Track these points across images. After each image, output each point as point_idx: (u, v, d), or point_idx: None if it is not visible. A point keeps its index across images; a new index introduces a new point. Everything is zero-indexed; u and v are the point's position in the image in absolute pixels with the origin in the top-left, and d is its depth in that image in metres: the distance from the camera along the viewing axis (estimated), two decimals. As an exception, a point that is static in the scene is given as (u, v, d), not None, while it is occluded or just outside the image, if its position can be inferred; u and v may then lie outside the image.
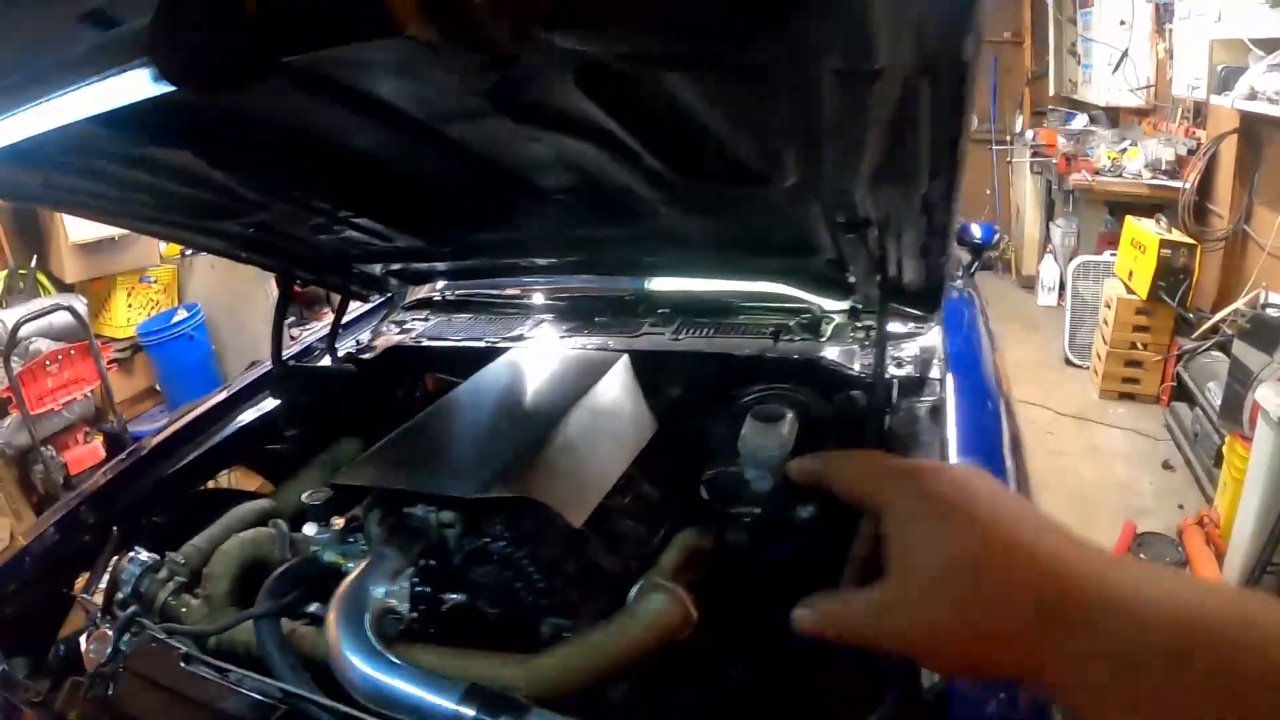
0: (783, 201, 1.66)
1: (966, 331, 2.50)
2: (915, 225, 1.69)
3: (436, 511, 1.88)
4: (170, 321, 5.76)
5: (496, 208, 2.09)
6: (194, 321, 5.76)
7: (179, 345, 5.71)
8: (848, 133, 1.29)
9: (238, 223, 2.21)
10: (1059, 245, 6.65)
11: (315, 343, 3.12)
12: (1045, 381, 5.72)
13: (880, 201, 1.61)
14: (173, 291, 6.07)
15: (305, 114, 1.59)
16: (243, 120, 1.62)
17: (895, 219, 1.69)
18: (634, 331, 2.76)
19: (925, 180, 1.43)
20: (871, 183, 1.50)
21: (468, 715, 1.42)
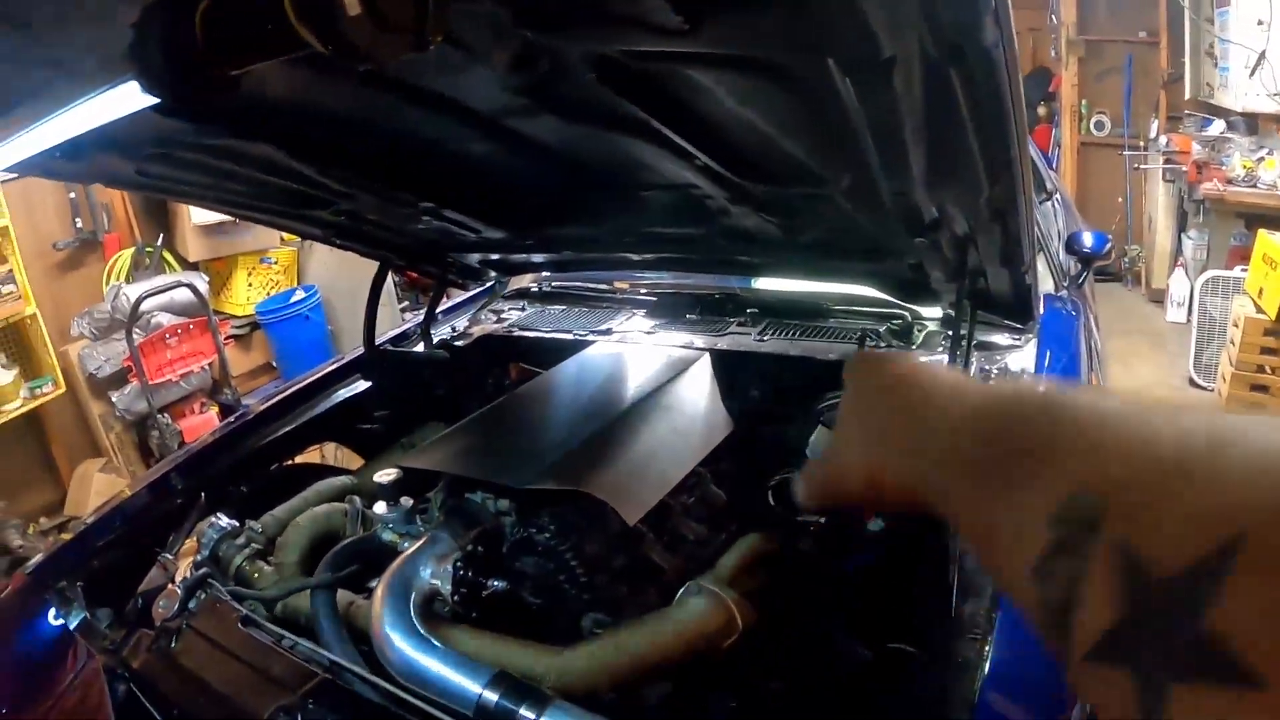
0: (845, 203, 1.63)
1: (1064, 346, 2.39)
2: (989, 232, 1.65)
3: (494, 499, 1.91)
4: (288, 301, 5.93)
5: (576, 203, 2.11)
6: (311, 302, 5.92)
7: (295, 324, 5.88)
8: (882, 130, 1.27)
9: (328, 211, 2.27)
10: (1190, 258, 6.36)
11: (413, 328, 3.18)
12: (1166, 403, 5.45)
13: (944, 205, 1.58)
14: (292, 273, 6.26)
15: (375, 109, 1.64)
16: (319, 115, 1.67)
17: (967, 224, 1.65)
18: (720, 330, 2.73)
19: (985, 184, 1.40)
20: (928, 184, 1.47)
21: (490, 700, 1.44)
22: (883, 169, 1.45)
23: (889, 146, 1.34)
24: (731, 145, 1.48)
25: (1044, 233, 3.20)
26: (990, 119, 1.22)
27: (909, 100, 1.16)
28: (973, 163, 1.36)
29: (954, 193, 1.54)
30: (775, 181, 1.62)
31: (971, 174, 1.40)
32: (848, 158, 1.43)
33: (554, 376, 2.51)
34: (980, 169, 1.38)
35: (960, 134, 1.25)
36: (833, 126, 1.30)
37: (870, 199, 1.61)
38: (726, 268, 2.50)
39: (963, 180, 1.44)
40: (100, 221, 5.62)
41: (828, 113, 1.25)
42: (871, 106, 1.20)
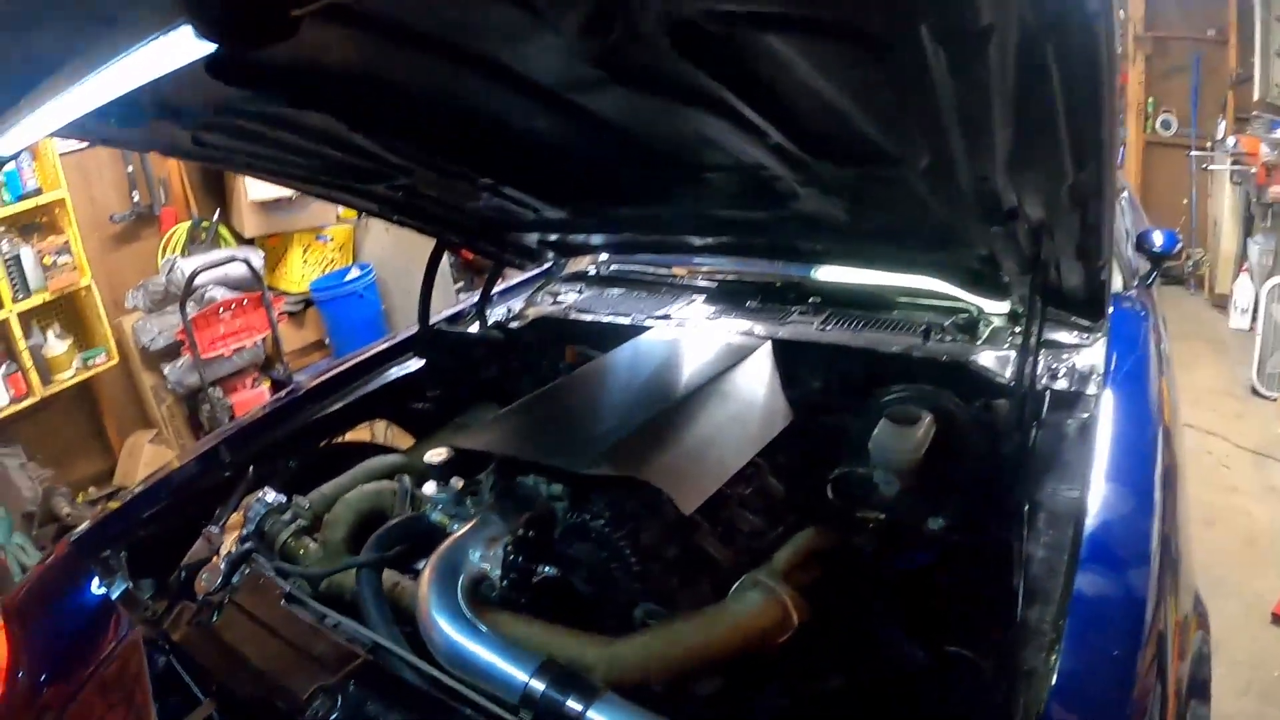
0: (921, 186, 1.58)
1: (1134, 347, 2.30)
2: (1068, 222, 1.59)
3: (547, 483, 1.89)
4: (343, 279, 5.92)
5: (639, 183, 2.07)
6: (365, 280, 5.91)
7: (349, 302, 5.87)
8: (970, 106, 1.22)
9: (386, 186, 2.26)
10: (1255, 263, 6.18)
11: (468, 308, 3.16)
12: (1226, 411, 5.31)
13: (1025, 192, 1.53)
14: (348, 251, 6.25)
15: (436, 81, 1.61)
16: (378, 86, 1.64)
17: (1045, 213, 1.59)
18: (781, 319, 2.68)
19: (1071, 169, 1.35)
20: (1011, 168, 1.42)
21: (537, 689, 1.41)
22: (965, 150, 1.39)
23: (975, 126, 1.29)
24: (807, 122, 1.44)
25: (1114, 231, 3.12)
26: (1084, 99, 1.16)
27: (1001, 75, 1.11)
28: (1059, 147, 1.30)
29: (1037, 179, 1.48)
30: (849, 162, 1.57)
31: (1057, 159, 1.35)
32: (929, 137, 1.38)
33: (610, 360, 2.48)
34: (1066, 153, 1.32)
35: (1051, 115, 1.20)
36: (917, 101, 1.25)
37: (948, 183, 1.56)
38: (790, 255, 2.45)
39: (1047, 165, 1.39)
40: (157, 195, 5.66)
41: (914, 86, 1.20)
42: (962, 80, 1.15)
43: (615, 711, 1.37)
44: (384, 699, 1.52)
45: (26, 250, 4.81)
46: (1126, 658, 1.36)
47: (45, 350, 5.01)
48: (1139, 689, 1.33)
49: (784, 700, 1.71)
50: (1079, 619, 1.38)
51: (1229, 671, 3.27)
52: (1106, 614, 1.44)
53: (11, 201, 4.76)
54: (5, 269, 4.74)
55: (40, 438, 5.23)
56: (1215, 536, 4.11)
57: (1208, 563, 3.84)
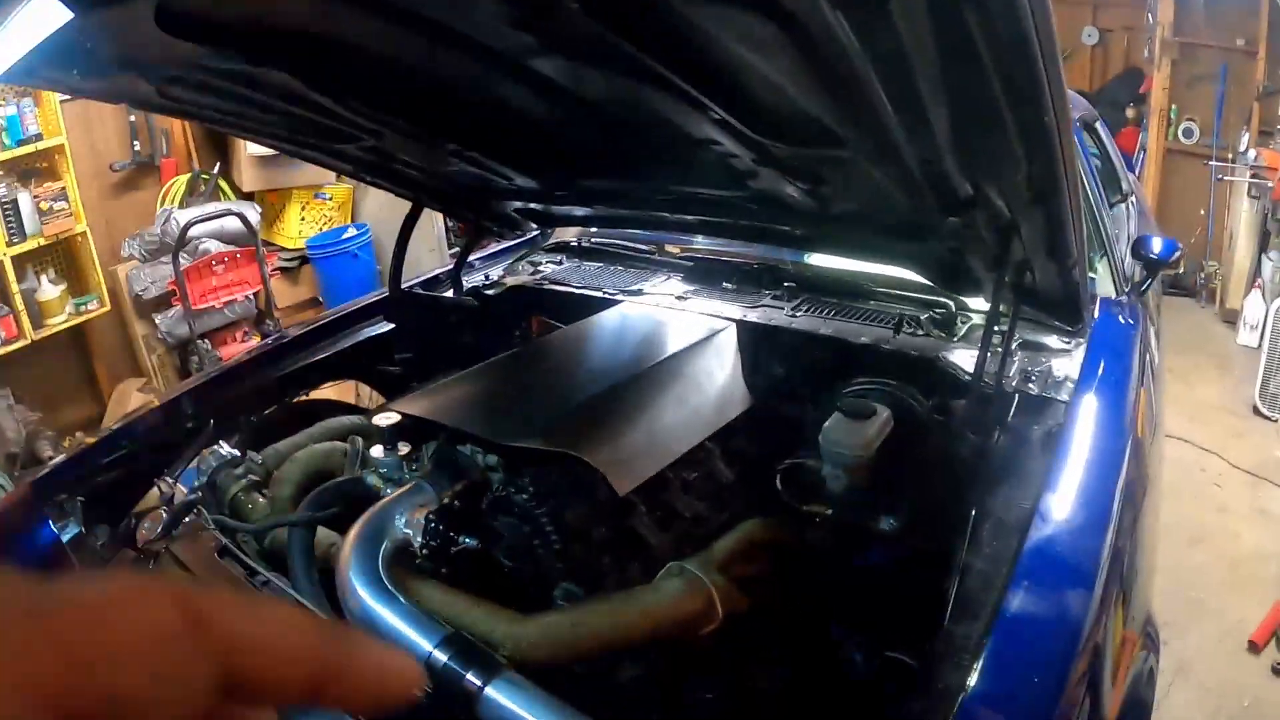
0: (874, 170, 1.52)
1: (1115, 355, 2.22)
2: (1032, 218, 1.54)
3: (483, 453, 1.85)
4: (339, 238, 5.90)
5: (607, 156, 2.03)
6: (361, 240, 5.88)
7: (344, 261, 5.84)
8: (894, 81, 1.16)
9: (356, 147, 2.22)
10: (1268, 280, 6.08)
11: (446, 272, 3.13)
12: (1225, 428, 5.22)
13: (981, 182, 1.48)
14: (346, 210, 6.21)
15: (385, 40, 1.57)
16: (331, 44, 1.61)
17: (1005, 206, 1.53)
18: (753, 302, 2.62)
19: (1023, 159, 1.29)
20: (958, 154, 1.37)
21: (439, 660, 1.40)
22: (903, 131, 1.33)
23: (906, 104, 1.23)
24: (746, 98, 1.39)
25: (1111, 235, 3.03)
26: (1019, 76, 1.10)
27: (916, 43, 1.05)
28: (1005, 133, 1.25)
29: (988, 166, 1.43)
30: (796, 141, 1.52)
31: (1005, 146, 1.29)
32: (865, 117, 1.32)
33: (571, 332, 2.45)
34: (1014, 142, 1.27)
35: (986, 95, 1.14)
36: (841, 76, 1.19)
37: (896, 166, 1.50)
38: (764, 237, 2.38)
39: (996, 153, 1.34)
40: (159, 146, 5.65)
41: (830, 59, 1.14)
42: (874, 49, 1.09)
43: (513, 690, 1.35)
44: None
45: (24, 195, 4.84)
46: (1050, 683, 1.30)
47: (38, 295, 5.03)
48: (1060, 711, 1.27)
49: (708, 694, 1.67)
50: (1002, 638, 1.32)
51: (1198, 696, 3.23)
52: (1034, 635, 1.39)
53: (11, 146, 4.79)
54: (2, 213, 4.77)
55: (29, 381, 5.24)
56: (1199, 556, 4.05)
57: (1188, 582, 3.79)
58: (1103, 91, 7.56)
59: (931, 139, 1.33)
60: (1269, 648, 3.45)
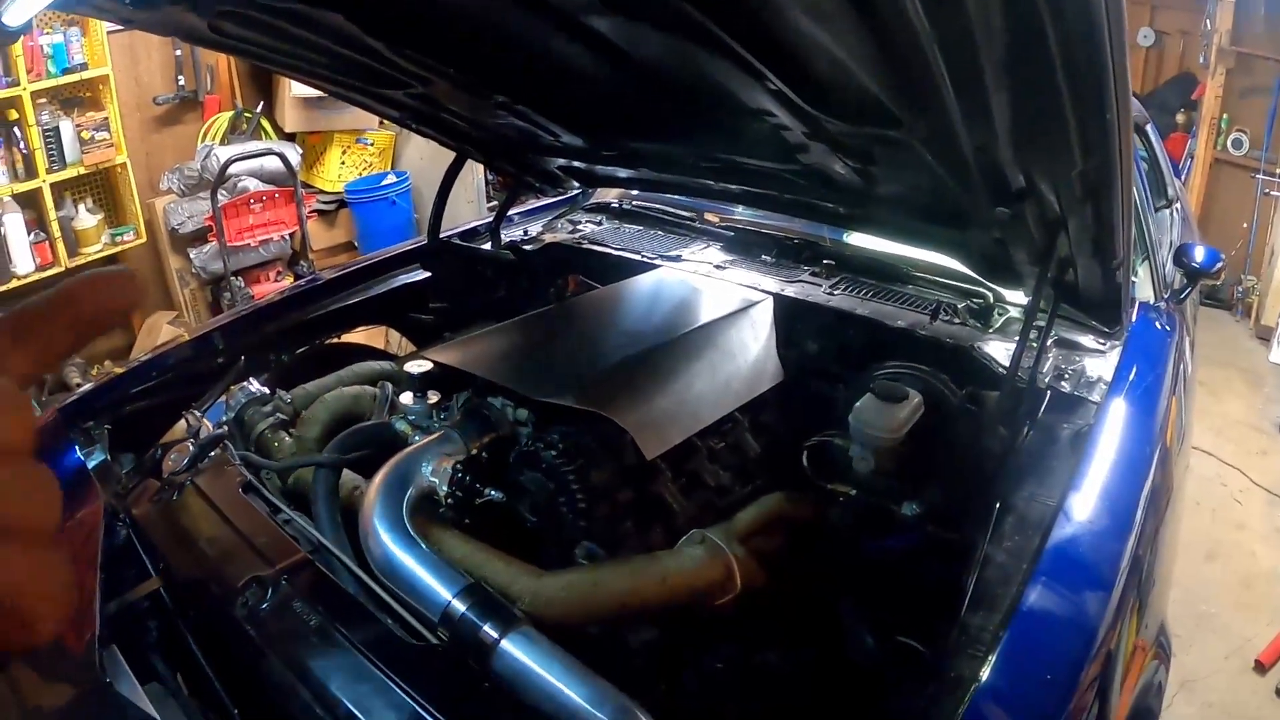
0: (925, 153, 1.51)
1: (1150, 361, 2.20)
2: (1081, 214, 1.52)
3: (514, 408, 1.86)
4: (379, 184, 5.90)
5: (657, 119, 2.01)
6: (400, 187, 5.88)
7: (381, 207, 5.84)
8: (959, 65, 1.15)
9: (404, 93, 2.22)
10: (1307, 301, 6.03)
11: (485, 225, 3.14)
12: (1249, 445, 5.16)
13: (1034, 174, 1.46)
14: (387, 156, 6.21)
15: None
16: None
17: (1058, 202, 1.51)
18: (791, 277, 2.60)
19: (1079, 155, 1.28)
20: (1014, 144, 1.35)
21: (457, 610, 1.41)
22: (962, 116, 1.31)
23: (969, 89, 1.21)
24: (805, 70, 1.36)
25: (1154, 239, 3.00)
26: (1086, 74, 1.09)
27: (987, 31, 1.04)
28: (1065, 127, 1.23)
29: (1043, 159, 1.41)
30: (851, 118, 1.50)
31: (1063, 140, 1.27)
32: (926, 98, 1.30)
33: (608, 293, 2.45)
34: (1073, 136, 1.25)
35: (1050, 87, 1.12)
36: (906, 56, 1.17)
37: (950, 151, 1.48)
38: (807, 212, 2.36)
39: (1053, 146, 1.32)
40: (203, 81, 5.68)
41: (898, 38, 1.13)
42: (944, 32, 1.07)
43: (529, 644, 1.36)
44: (313, 598, 1.54)
45: (66, 123, 4.88)
46: (1063, 680, 1.30)
47: (75, 223, 5.08)
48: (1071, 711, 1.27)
49: (718, 664, 1.67)
50: (1019, 633, 1.32)
51: (1199, 712, 3.22)
52: (1050, 633, 1.39)
53: (56, 74, 4.82)
54: (43, 139, 4.80)
55: (63, 309, 5.26)
56: (1213, 571, 4.03)
57: (1200, 596, 3.77)
58: (1154, 95, 7.45)
59: (989, 127, 1.31)
60: (1275, 669, 3.43)
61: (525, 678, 1.34)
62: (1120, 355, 2.13)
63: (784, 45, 1.30)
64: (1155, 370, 2.18)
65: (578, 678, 1.31)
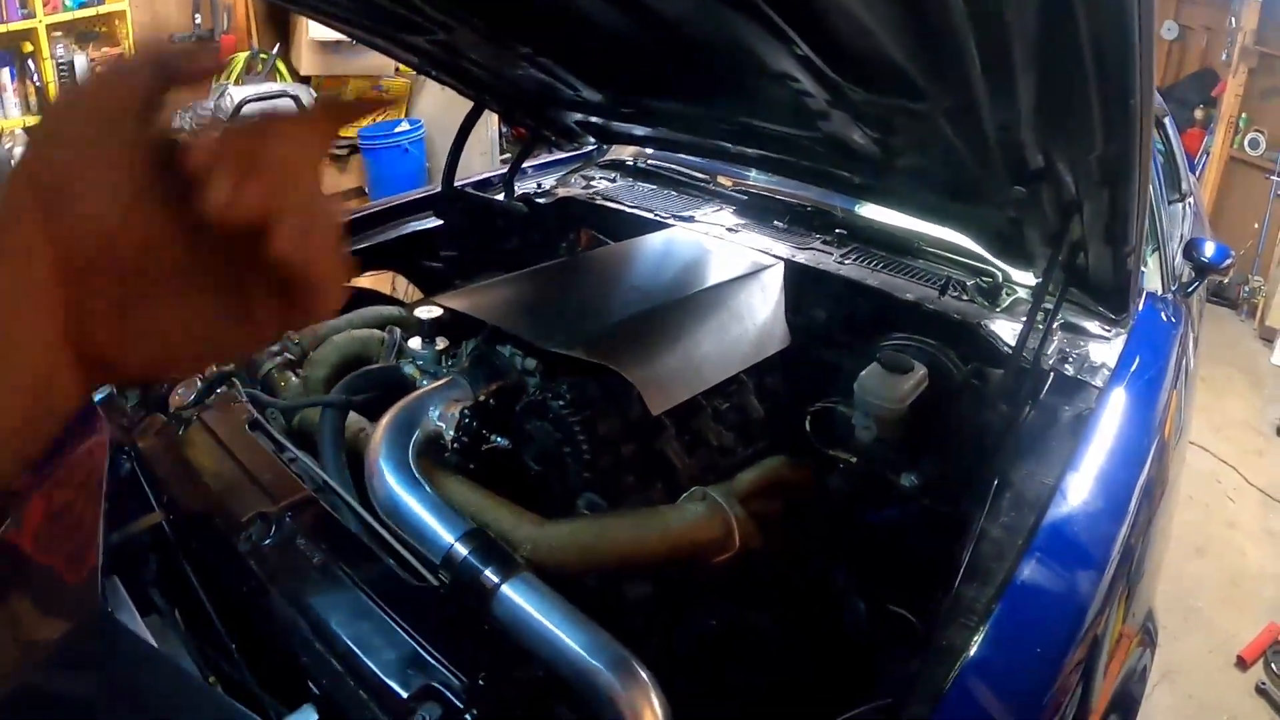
0: (947, 128, 1.51)
1: (1154, 352, 2.20)
2: (1096, 199, 1.53)
3: (523, 357, 1.88)
4: (392, 130, 5.89)
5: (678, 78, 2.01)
6: (414, 135, 5.88)
7: (394, 155, 5.85)
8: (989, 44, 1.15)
9: (426, 39, 2.21)
10: (1313, 305, 6.03)
11: (499, 176, 3.13)
12: (1245, 444, 5.18)
13: (1054, 155, 1.46)
14: (402, 104, 6.19)
15: None
16: None
17: (1075, 185, 1.52)
18: (803, 244, 2.60)
19: (1100, 139, 1.29)
20: (1037, 124, 1.36)
21: (459, 554, 1.42)
22: (988, 94, 1.32)
23: (996, 67, 1.22)
24: (833, 37, 1.36)
25: (1166, 231, 3.00)
26: (1113, 60, 1.09)
27: (1020, 10, 1.05)
28: (1088, 111, 1.24)
29: (1063, 141, 1.41)
30: (876, 88, 1.50)
31: (1085, 124, 1.28)
32: (952, 73, 1.30)
33: (621, 249, 2.46)
34: (1095, 120, 1.26)
35: (1077, 70, 1.13)
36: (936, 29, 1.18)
37: (972, 128, 1.49)
38: (823, 180, 2.36)
39: (1074, 129, 1.33)
40: (220, 20, 5.65)
41: (931, 11, 1.13)
42: (977, 8, 1.07)
43: (529, 590, 1.38)
44: (317, 536, 1.55)
45: (80, 57, 4.87)
46: (1052, 656, 1.32)
47: (87, 162, 5.01)
48: (1057, 688, 1.29)
49: (712, 622, 1.69)
50: (1012, 606, 1.33)
51: (1181, 703, 3.26)
52: (1042, 607, 1.40)
53: (72, 8, 4.81)
54: (57, 73, 4.78)
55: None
56: (1202, 567, 4.06)
57: (1187, 590, 3.80)
58: (1174, 88, 7.41)
59: (1014, 105, 1.31)
60: (1256, 667, 3.46)
61: (524, 623, 1.35)
62: (1125, 343, 2.13)
63: (815, 10, 1.29)
64: (1158, 361, 2.18)
65: (576, 625, 1.33)
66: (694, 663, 1.62)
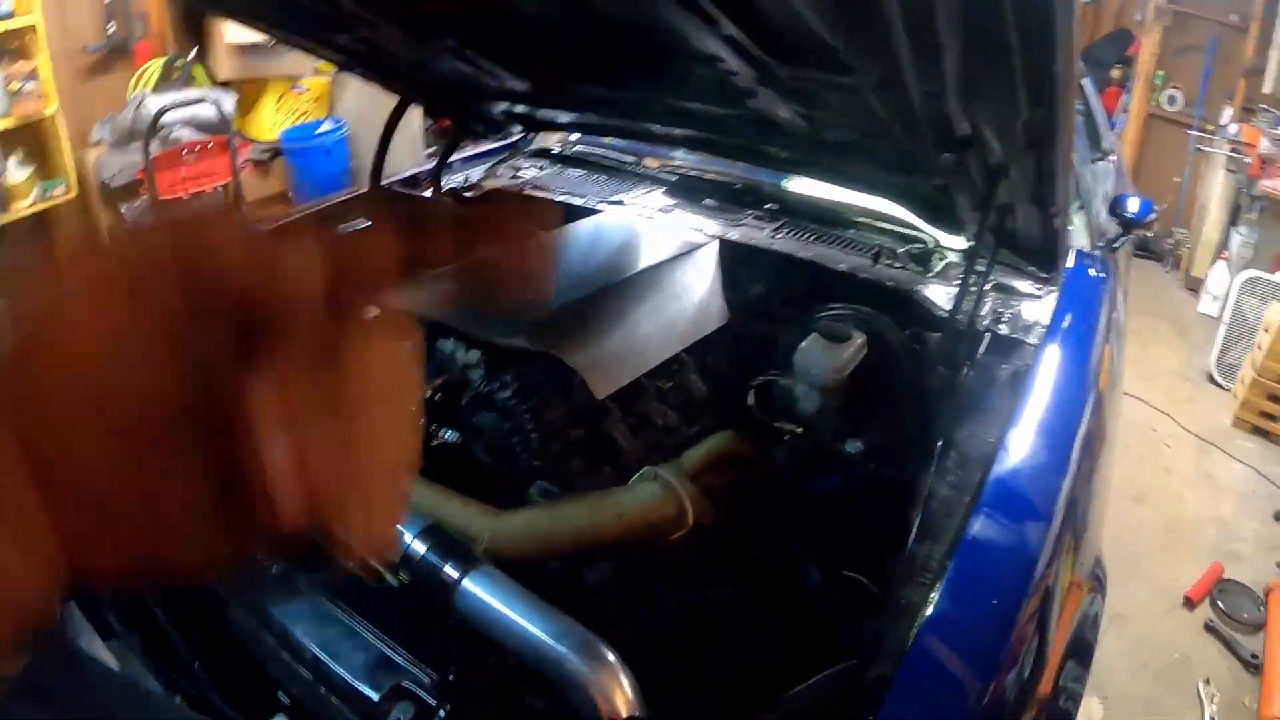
0: (874, 99, 1.53)
1: (1085, 307, 2.26)
2: (1023, 163, 1.55)
3: (465, 349, 1.87)
4: (314, 132, 5.79)
5: (604, 63, 2.01)
6: (336, 135, 5.78)
7: (317, 155, 5.74)
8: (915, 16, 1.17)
9: (349, 37, 2.17)
10: (1234, 253, 6.15)
11: (426, 172, 3.09)
12: (1178, 393, 5.31)
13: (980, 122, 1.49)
14: (323, 103, 6.08)
15: None
16: None
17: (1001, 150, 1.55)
18: (735, 221, 2.62)
19: (1024, 106, 1.31)
20: (963, 92, 1.37)
21: (417, 552, 1.40)
22: (914, 66, 1.34)
23: (921, 39, 1.23)
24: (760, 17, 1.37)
25: (1090, 189, 3.07)
26: (1035, 28, 1.12)
27: None
28: (1012, 78, 1.26)
29: (989, 109, 1.44)
30: (802, 64, 1.51)
31: (1010, 91, 1.30)
32: (878, 47, 1.32)
33: (555, 238, 2.43)
34: (1020, 87, 1.28)
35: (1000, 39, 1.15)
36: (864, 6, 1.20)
37: (899, 99, 1.50)
38: (752, 157, 2.38)
39: (1000, 96, 1.35)
40: (134, 28, 5.47)
41: None
42: None
43: (490, 582, 1.37)
44: None
45: (-8, 74, 4.68)
46: (1007, 607, 1.35)
47: (5, 178, 4.89)
48: (1014, 638, 1.33)
49: (671, 599, 1.70)
50: (965, 561, 1.36)
51: (1130, 648, 3.33)
52: (994, 560, 1.43)
53: (-19, 23, 4.62)
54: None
55: (-6, 268, 5.10)
56: (1142, 514, 4.16)
57: (1129, 539, 3.89)
58: (1091, 49, 7.54)
59: (939, 75, 1.33)
60: (1202, 606, 3.57)
61: (488, 615, 1.35)
62: (1057, 300, 2.18)
63: None
64: (1090, 316, 2.23)
65: (540, 613, 1.33)
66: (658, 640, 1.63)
